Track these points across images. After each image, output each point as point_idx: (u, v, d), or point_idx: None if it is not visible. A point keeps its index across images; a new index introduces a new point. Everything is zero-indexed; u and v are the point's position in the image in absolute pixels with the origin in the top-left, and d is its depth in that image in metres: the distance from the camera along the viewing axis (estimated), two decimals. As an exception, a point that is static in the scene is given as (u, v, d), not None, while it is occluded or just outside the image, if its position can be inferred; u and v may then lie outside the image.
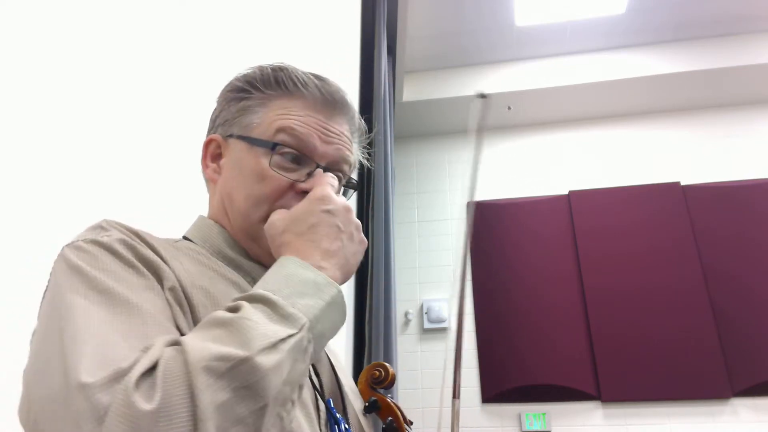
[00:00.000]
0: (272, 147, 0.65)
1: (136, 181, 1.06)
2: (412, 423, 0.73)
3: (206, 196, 0.75)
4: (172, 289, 0.52)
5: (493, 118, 4.02)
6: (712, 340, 3.25)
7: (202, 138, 0.77)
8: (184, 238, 0.69)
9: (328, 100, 0.69)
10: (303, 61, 0.79)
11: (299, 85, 0.68)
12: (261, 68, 0.71)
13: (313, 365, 0.65)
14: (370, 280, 2.19)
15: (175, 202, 1.04)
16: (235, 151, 0.68)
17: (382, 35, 2.76)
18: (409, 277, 3.77)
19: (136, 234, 0.56)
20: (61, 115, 0.90)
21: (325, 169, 0.67)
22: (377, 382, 0.72)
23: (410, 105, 3.87)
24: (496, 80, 3.84)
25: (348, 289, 2.07)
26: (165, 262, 0.55)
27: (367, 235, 2.41)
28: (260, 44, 1.64)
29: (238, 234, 0.68)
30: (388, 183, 2.50)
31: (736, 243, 3.47)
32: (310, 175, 0.66)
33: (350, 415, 0.66)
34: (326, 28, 2.19)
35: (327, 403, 0.62)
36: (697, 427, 3.13)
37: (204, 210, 0.74)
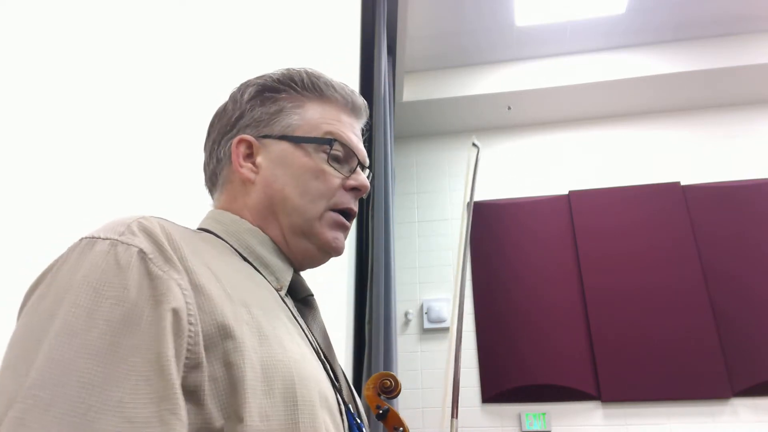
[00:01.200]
0: (330, 144, 0.70)
1: (138, 181, 1.06)
2: None
3: (198, 194, 0.75)
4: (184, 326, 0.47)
5: (493, 118, 4.03)
6: (712, 340, 3.25)
7: (203, 138, 0.77)
8: (203, 230, 0.69)
9: (356, 105, 0.76)
10: (303, 61, 0.79)
11: (331, 89, 0.73)
12: (294, 69, 0.74)
13: (332, 369, 0.65)
14: (370, 280, 2.19)
15: (176, 202, 1.04)
16: (276, 150, 0.70)
17: (382, 35, 2.76)
18: (409, 277, 3.77)
19: (162, 247, 0.50)
20: (62, 116, 0.90)
21: (362, 167, 0.73)
22: (386, 391, 0.73)
23: (410, 105, 3.87)
24: (496, 80, 3.84)
25: (348, 289, 2.07)
26: (194, 280, 0.50)
27: (367, 235, 2.42)
28: (261, 44, 1.64)
29: (287, 231, 0.69)
30: (388, 183, 2.50)
31: (736, 243, 3.47)
32: (352, 171, 0.71)
33: (362, 418, 0.67)
34: (326, 28, 2.19)
35: (348, 408, 0.62)
36: (697, 427, 3.14)
37: (202, 207, 0.74)
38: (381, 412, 0.73)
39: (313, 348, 0.63)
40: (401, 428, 0.72)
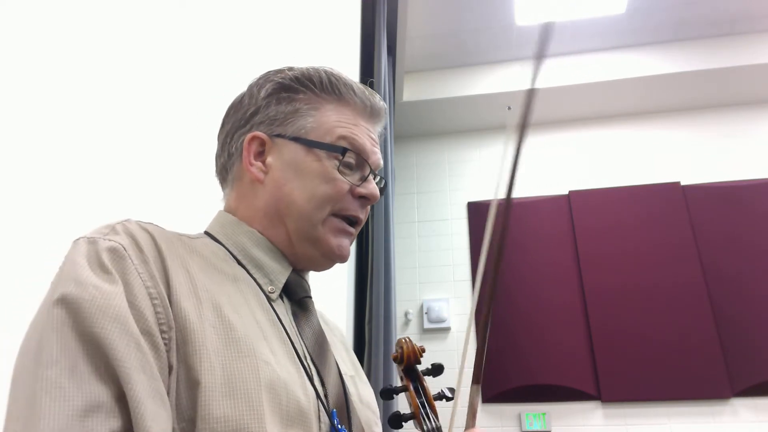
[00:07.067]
0: (342, 152, 0.68)
1: (140, 181, 1.06)
2: (450, 398, 0.70)
3: (209, 192, 0.75)
4: (147, 333, 0.50)
5: (493, 118, 4.03)
6: (712, 340, 3.25)
7: (205, 137, 0.77)
8: (206, 233, 0.70)
9: (374, 109, 0.74)
10: (303, 61, 0.79)
11: (351, 92, 0.72)
12: (314, 69, 0.72)
13: (319, 374, 0.64)
14: (370, 280, 2.19)
15: (180, 200, 1.04)
16: (288, 152, 0.69)
17: (382, 35, 2.76)
18: (409, 277, 3.77)
19: (139, 245, 0.54)
20: (65, 117, 0.90)
21: (374, 174, 0.72)
22: (397, 361, 0.71)
23: (410, 105, 3.87)
24: (496, 80, 3.84)
25: (348, 289, 2.07)
26: (168, 279, 0.54)
27: (367, 235, 2.41)
28: (261, 44, 1.64)
29: (294, 236, 0.68)
30: (388, 183, 2.50)
31: (736, 243, 3.47)
32: (363, 179, 0.70)
33: (354, 425, 0.64)
34: (326, 27, 2.19)
35: (331, 414, 0.61)
36: (697, 427, 3.13)
37: (211, 205, 0.74)
38: (392, 388, 0.68)
39: (297, 352, 0.62)
40: (414, 413, 0.65)
